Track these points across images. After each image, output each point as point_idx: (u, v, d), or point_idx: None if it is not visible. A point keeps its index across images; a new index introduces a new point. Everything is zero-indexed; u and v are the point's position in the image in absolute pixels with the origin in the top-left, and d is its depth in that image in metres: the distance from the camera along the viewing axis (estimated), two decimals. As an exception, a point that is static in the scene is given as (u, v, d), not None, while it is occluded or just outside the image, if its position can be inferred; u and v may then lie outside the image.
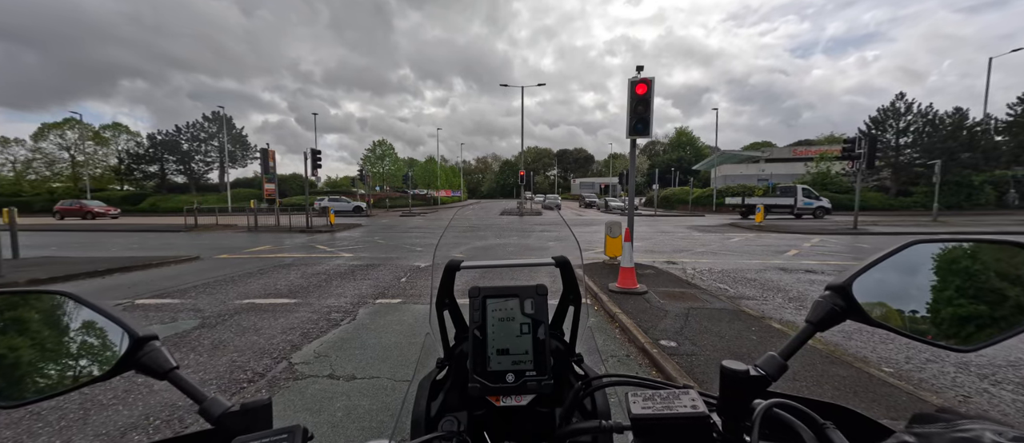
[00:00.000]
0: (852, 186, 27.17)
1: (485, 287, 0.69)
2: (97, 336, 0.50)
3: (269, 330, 4.49)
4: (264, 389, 3.15)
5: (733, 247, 11.61)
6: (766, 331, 4.23)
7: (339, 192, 40.78)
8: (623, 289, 5.80)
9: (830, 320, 0.50)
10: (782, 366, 0.49)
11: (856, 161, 15.15)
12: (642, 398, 0.47)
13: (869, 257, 0.52)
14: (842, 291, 0.50)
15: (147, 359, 0.49)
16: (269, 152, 19.73)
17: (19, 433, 2.53)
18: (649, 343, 3.84)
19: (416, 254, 10.19)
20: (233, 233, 16.60)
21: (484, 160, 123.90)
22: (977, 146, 30.13)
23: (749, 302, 5.62)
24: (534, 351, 0.65)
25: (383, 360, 3.67)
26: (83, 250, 11.64)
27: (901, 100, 33.45)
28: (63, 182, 47.04)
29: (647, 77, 6.79)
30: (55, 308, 0.50)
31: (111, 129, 50.48)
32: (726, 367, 0.48)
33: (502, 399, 0.65)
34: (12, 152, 47.87)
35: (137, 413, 2.74)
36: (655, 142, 77.64)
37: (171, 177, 49.10)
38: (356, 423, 2.64)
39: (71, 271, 7.79)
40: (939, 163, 20.56)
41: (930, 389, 3.08)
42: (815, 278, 7.28)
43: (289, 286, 6.66)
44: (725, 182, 39.97)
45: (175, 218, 23.87)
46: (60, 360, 0.49)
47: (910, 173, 32.57)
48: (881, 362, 3.57)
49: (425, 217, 27.16)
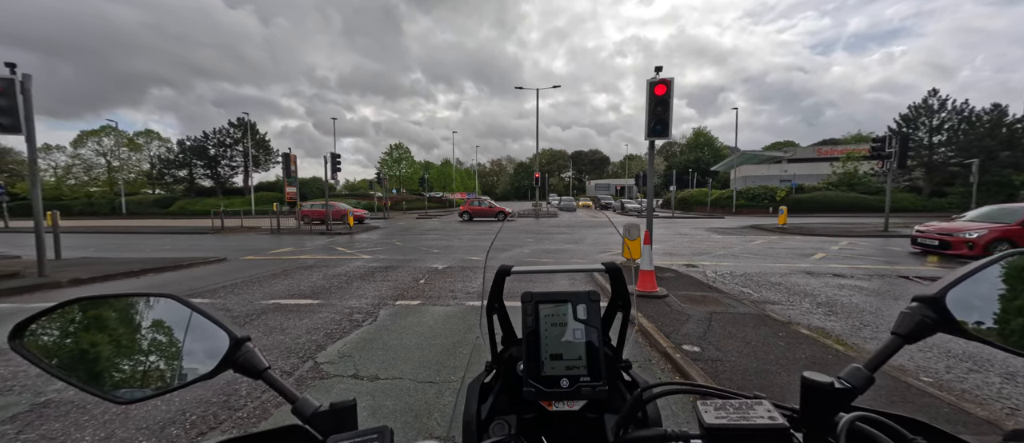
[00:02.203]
0: (882, 187, 26.10)
1: (538, 292, 0.69)
2: (202, 338, 0.53)
3: (294, 330, 4.61)
4: (293, 387, 3.24)
5: (755, 250, 11.30)
6: (794, 337, 4.10)
7: (357, 195, 41.52)
8: (643, 292, 5.72)
9: (919, 332, 0.48)
10: (869, 379, 0.48)
11: (886, 161, 14.56)
12: (713, 407, 0.46)
13: (963, 268, 0.50)
14: (934, 303, 0.48)
15: (243, 359, 0.52)
16: (291, 156, 20.28)
17: (67, 425, 2.67)
18: (671, 348, 3.78)
19: (433, 256, 10.29)
20: (257, 235, 17.13)
21: (499, 162, 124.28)
22: (1018, 144, 28.51)
23: (775, 307, 5.46)
24: (588, 357, 0.65)
25: (405, 361, 3.71)
26: (119, 251, 12.21)
27: (934, 97, 32.02)
28: (100, 187, 49.46)
29: (666, 78, 6.69)
30: (160, 310, 0.54)
31: (144, 136, 52.86)
32: (808, 378, 0.47)
33: (555, 404, 0.65)
34: (53, 158, 50.63)
35: (174, 409, 2.85)
36: (672, 143, 76.42)
37: (199, 181, 51.03)
38: (380, 423, 2.68)
39: (109, 271, 8.18)
40: (977, 162, 19.54)
41: (974, 401, 2.93)
42: (844, 283, 7.02)
43: (312, 287, 6.82)
44: (745, 183, 38.98)
45: (203, 221, 24.77)
46: (166, 360, 0.52)
47: (944, 173, 31.10)
48: (919, 371, 3.41)
49: (441, 220, 27.41)
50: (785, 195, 30.68)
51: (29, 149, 7.19)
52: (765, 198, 32.19)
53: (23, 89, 6.69)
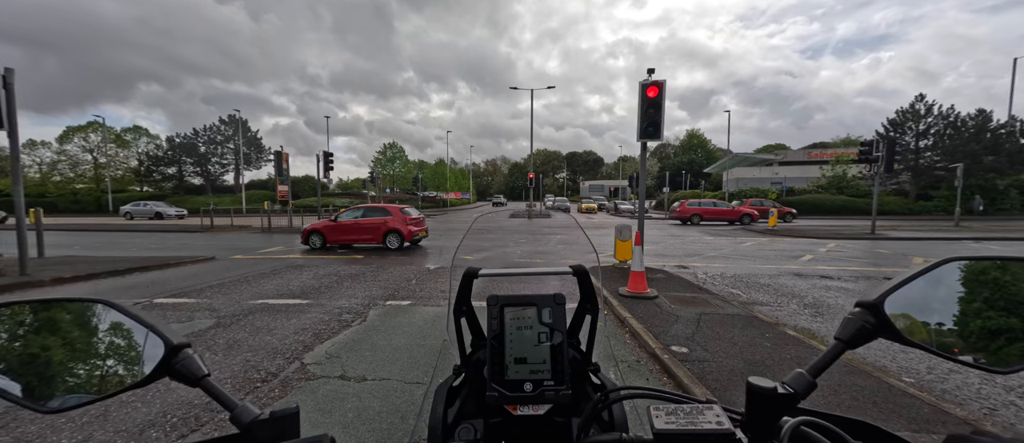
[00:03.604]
0: (870, 189, 26.52)
1: (503, 295, 0.69)
2: (133, 343, 0.52)
3: (282, 330, 4.56)
4: (277, 389, 3.20)
5: (746, 251, 11.42)
6: (780, 338, 4.14)
7: (351, 194, 41.20)
8: (633, 293, 5.75)
9: (861, 338, 0.49)
10: (811, 384, 0.49)
11: (874, 164, 14.80)
12: (665, 412, 0.46)
13: (903, 273, 0.50)
14: (873, 308, 0.49)
15: (181, 366, 0.50)
16: (283, 154, 20.08)
17: (43, 428, 2.61)
18: (660, 348, 3.80)
19: (426, 256, 10.26)
20: (247, 234, 16.92)
21: (493, 162, 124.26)
22: (1002, 149, 29.14)
23: (762, 308, 5.52)
24: (552, 360, 0.64)
25: (393, 362, 3.69)
26: (105, 249, 11.98)
27: (921, 102, 32.58)
28: (86, 183, 48.51)
29: (658, 80, 6.74)
30: (92, 316, 0.52)
31: (132, 132, 51.93)
32: (753, 384, 0.47)
33: (520, 408, 0.65)
34: (38, 154, 49.55)
35: (155, 410, 2.80)
36: (666, 144, 76.86)
37: (188, 179, 50.34)
38: (367, 425, 2.66)
39: (93, 270, 8.03)
40: (961, 167, 19.95)
41: (953, 401, 2.98)
42: (831, 284, 7.12)
43: (301, 287, 6.75)
44: (738, 185, 39.38)
45: (192, 219, 24.44)
46: (98, 367, 0.50)
47: (931, 177, 31.66)
48: (901, 373, 3.47)
49: (435, 220, 27.31)
50: (776, 197, 31.03)
51: (12, 145, 7.02)
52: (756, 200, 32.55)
53: (5, 83, 6.54)
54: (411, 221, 11.61)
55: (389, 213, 11.59)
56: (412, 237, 11.41)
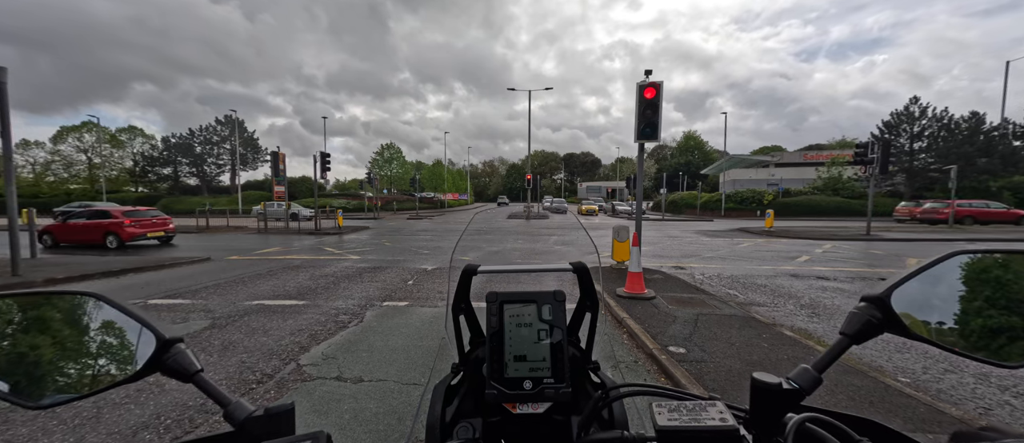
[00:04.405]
0: (865, 191, 26.70)
1: (502, 292, 0.68)
2: (124, 338, 0.50)
3: (278, 331, 4.52)
4: (273, 390, 3.17)
5: (743, 252, 11.46)
6: (777, 339, 4.15)
7: (348, 195, 41.03)
8: (631, 294, 5.75)
9: (866, 333, 0.48)
10: (816, 379, 0.48)
11: (869, 166, 14.90)
12: (667, 409, 0.46)
13: (909, 267, 0.50)
14: (879, 302, 0.48)
15: (173, 362, 0.49)
16: (280, 155, 19.98)
17: (34, 430, 2.57)
18: (657, 349, 3.80)
19: (423, 257, 10.22)
20: (243, 234, 16.82)
21: (491, 163, 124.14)
22: (994, 151, 29.45)
23: (760, 309, 5.53)
24: (552, 358, 0.64)
25: (390, 363, 3.67)
26: (99, 250, 11.87)
27: (916, 104, 32.89)
28: (80, 184, 48.12)
29: (656, 81, 6.75)
30: (82, 309, 0.51)
31: (127, 132, 51.59)
32: (757, 379, 0.47)
33: (519, 406, 0.64)
34: (32, 154, 49.12)
35: (149, 412, 2.77)
36: (663, 146, 77.08)
37: (184, 179, 49.98)
38: (363, 426, 2.64)
39: (86, 271, 7.95)
40: (955, 168, 20.12)
41: (949, 401, 3.00)
42: (827, 285, 7.15)
43: (298, 288, 6.71)
44: (734, 187, 39.54)
45: (187, 220, 24.26)
46: (87, 363, 0.49)
47: (925, 178, 31.95)
48: (897, 372, 3.48)
49: (432, 220, 27.26)
50: (772, 199, 31.20)
51: (4, 144, 6.95)
52: (753, 201, 32.69)
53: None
54: (132, 222, 12.95)
55: (111, 216, 13.06)
56: (131, 238, 12.68)
